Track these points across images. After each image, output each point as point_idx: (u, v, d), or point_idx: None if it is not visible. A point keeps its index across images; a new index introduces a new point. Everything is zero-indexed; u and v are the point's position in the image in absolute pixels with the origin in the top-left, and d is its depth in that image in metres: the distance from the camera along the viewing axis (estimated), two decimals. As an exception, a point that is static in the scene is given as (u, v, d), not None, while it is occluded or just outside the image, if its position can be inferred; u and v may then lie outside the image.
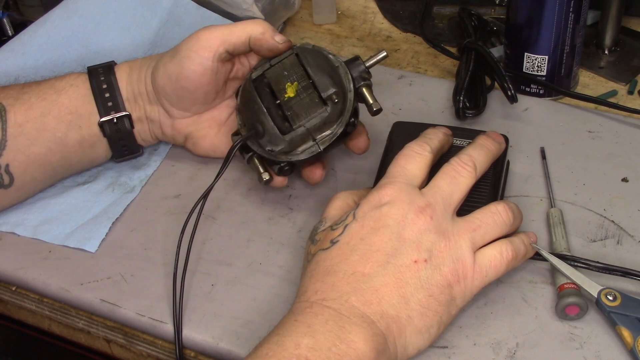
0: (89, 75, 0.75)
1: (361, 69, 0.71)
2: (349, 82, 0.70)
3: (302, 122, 0.69)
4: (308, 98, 0.70)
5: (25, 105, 0.72)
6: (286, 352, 0.54)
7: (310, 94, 0.70)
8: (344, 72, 0.70)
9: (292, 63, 0.71)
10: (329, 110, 0.69)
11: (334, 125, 0.69)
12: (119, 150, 0.76)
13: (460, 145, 0.70)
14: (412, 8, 1.03)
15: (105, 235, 0.73)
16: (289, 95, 0.70)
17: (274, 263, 0.70)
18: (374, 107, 0.70)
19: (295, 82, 0.70)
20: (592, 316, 0.63)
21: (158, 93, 0.74)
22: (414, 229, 0.60)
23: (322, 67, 0.70)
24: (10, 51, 0.84)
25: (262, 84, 0.71)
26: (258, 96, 0.70)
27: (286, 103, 0.70)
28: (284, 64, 0.71)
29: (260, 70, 0.72)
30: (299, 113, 0.69)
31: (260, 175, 0.71)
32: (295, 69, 0.71)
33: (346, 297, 0.58)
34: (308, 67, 0.70)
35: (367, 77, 0.71)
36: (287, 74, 0.71)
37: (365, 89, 0.71)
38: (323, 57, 0.71)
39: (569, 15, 0.80)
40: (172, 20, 0.89)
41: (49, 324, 0.73)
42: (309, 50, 0.71)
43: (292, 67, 0.71)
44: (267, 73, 0.71)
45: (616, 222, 0.70)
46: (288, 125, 0.69)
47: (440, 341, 0.62)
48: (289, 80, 0.70)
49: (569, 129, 0.80)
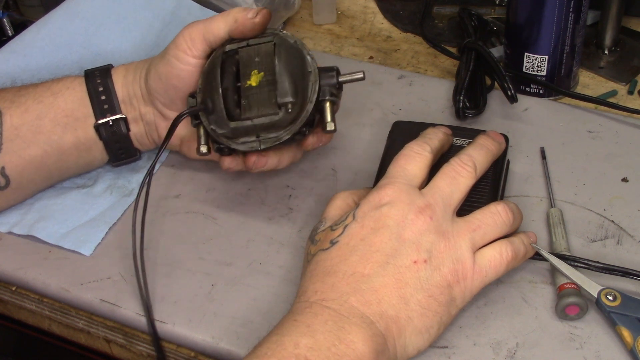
0: (86, 78, 0.75)
1: (332, 82, 0.68)
2: (314, 92, 0.67)
3: (251, 116, 0.67)
4: (267, 94, 0.67)
5: (22, 108, 0.72)
6: (285, 352, 0.54)
7: (270, 92, 0.67)
8: (313, 80, 0.67)
9: (266, 51, 0.69)
10: (280, 116, 0.67)
11: (281, 130, 0.67)
12: (115, 154, 0.76)
13: (461, 145, 0.70)
14: (412, 8, 1.03)
15: (105, 235, 0.73)
16: (250, 84, 0.68)
17: (274, 263, 0.70)
18: (327, 126, 0.67)
19: (262, 72, 0.68)
20: (592, 316, 0.63)
21: (151, 94, 0.74)
22: (414, 230, 0.60)
23: (293, 68, 0.68)
24: (12, 52, 0.84)
25: (231, 60, 0.69)
26: (220, 73, 0.68)
27: (245, 90, 0.68)
28: (259, 48, 0.69)
29: (236, 46, 0.70)
30: (253, 106, 0.67)
31: (199, 146, 0.70)
32: (267, 59, 0.68)
33: (346, 298, 0.58)
34: (278, 64, 0.67)
35: (335, 93, 0.68)
36: (257, 61, 0.68)
37: (329, 104, 0.68)
38: (299, 57, 0.68)
39: (569, 15, 0.80)
40: (174, 21, 0.89)
41: (49, 324, 0.73)
42: (288, 45, 0.69)
43: (265, 56, 0.68)
44: (241, 51, 0.69)
45: (616, 222, 0.70)
46: (238, 112, 0.68)
47: (440, 341, 0.62)
48: (257, 67, 0.68)
49: (569, 129, 0.80)
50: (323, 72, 0.68)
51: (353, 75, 0.69)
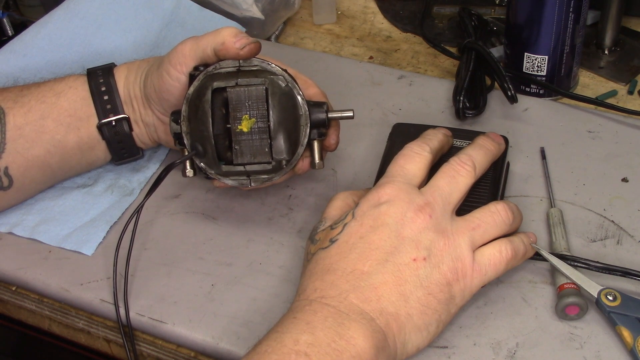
0: (88, 77, 0.74)
1: (321, 118, 0.68)
2: (305, 136, 0.67)
3: (244, 162, 0.67)
4: (259, 142, 0.67)
5: (25, 108, 0.72)
6: (285, 348, 0.54)
7: (262, 140, 0.67)
8: (304, 123, 0.67)
9: (258, 96, 0.67)
10: (273, 165, 0.67)
11: (273, 174, 0.68)
12: (118, 153, 0.76)
13: (460, 146, 0.70)
14: (412, 8, 1.03)
15: (106, 234, 0.73)
16: (241, 129, 0.67)
17: (274, 263, 0.70)
18: (316, 165, 0.69)
19: (253, 118, 0.67)
20: (592, 316, 0.63)
21: (148, 100, 0.74)
22: (413, 228, 0.60)
23: (286, 116, 0.67)
24: (12, 52, 0.84)
25: (219, 99, 0.67)
26: (211, 116, 0.67)
27: (237, 134, 0.67)
28: (249, 91, 0.67)
29: (224, 84, 0.67)
30: (245, 153, 0.67)
31: (184, 170, 0.69)
32: (259, 105, 0.67)
33: (345, 295, 0.58)
34: (271, 113, 0.67)
35: (324, 131, 0.69)
36: (249, 105, 0.67)
37: (317, 143, 0.69)
38: (291, 102, 0.67)
39: (569, 15, 0.80)
40: (174, 21, 0.89)
41: (49, 324, 0.73)
42: (281, 91, 0.67)
43: (256, 100, 0.67)
44: (230, 92, 0.67)
45: (616, 222, 0.70)
46: (229, 156, 0.67)
47: (440, 341, 0.62)
48: (248, 112, 0.67)
49: (569, 129, 0.80)
50: (313, 107, 0.68)
51: (343, 113, 0.70)
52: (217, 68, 0.68)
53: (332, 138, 0.71)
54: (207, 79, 0.67)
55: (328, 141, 0.71)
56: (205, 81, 0.67)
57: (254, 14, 0.93)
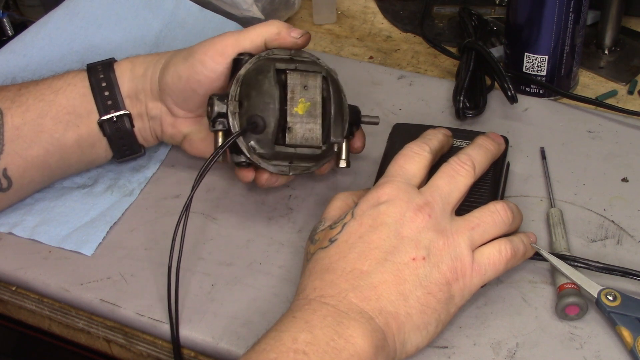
0: (88, 72, 0.74)
1: (355, 119, 0.71)
2: (345, 130, 0.70)
3: (295, 144, 0.67)
4: (312, 126, 0.68)
5: (22, 107, 0.72)
6: (284, 347, 0.54)
7: (314, 124, 0.68)
8: (345, 118, 0.70)
9: (314, 83, 0.68)
10: (321, 151, 0.68)
11: (313, 163, 0.69)
12: (119, 150, 0.76)
13: (460, 146, 0.70)
14: (412, 8, 1.03)
15: (106, 235, 0.73)
16: (297, 111, 0.68)
17: (274, 263, 0.70)
18: (341, 163, 0.71)
19: (309, 102, 0.68)
20: (592, 316, 0.63)
21: (164, 91, 0.73)
22: (412, 227, 0.60)
23: (338, 106, 0.69)
24: (12, 52, 0.84)
25: (279, 80, 0.68)
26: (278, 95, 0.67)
27: (292, 116, 0.67)
28: (307, 76, 0.68)
29: (284, 65, 0.68)
30: (297, 134, 0.67)
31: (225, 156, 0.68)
32: (315, 91, 0.68)
33: (344, 294, 0.58)
34: (327, 100, 0.68)
35: (353, 131, 0.72)
36: (305, 89, 0.68)
37: (346, 142, 0.71)
38: (337, 96, 0.69)
39: (569, 15, 0.80)
40: (174, 21, 0.89)
41: (49, 324, 0.73)
42: (334, 82, 0.69)
43: (313, 86, 0.68)
44: (290, 73, 0.68)
45: (616, 222, 0.70)
46: (281, 137, 0.67)
47: (440, 341, 0.62)
48: (305, 96, 0.68)
49: (569, 129, 0.80)
50: (350, 106, 0.71)
51: (372, 119, 0.74)
52: (271, 54, 0.69)
53: (360, 140, 0.74)
54: (264, 61, 0.68)
55: (356, 142, 0.73)
56: (262, 63, 0.68)
57: (254, 14, 0.93)
